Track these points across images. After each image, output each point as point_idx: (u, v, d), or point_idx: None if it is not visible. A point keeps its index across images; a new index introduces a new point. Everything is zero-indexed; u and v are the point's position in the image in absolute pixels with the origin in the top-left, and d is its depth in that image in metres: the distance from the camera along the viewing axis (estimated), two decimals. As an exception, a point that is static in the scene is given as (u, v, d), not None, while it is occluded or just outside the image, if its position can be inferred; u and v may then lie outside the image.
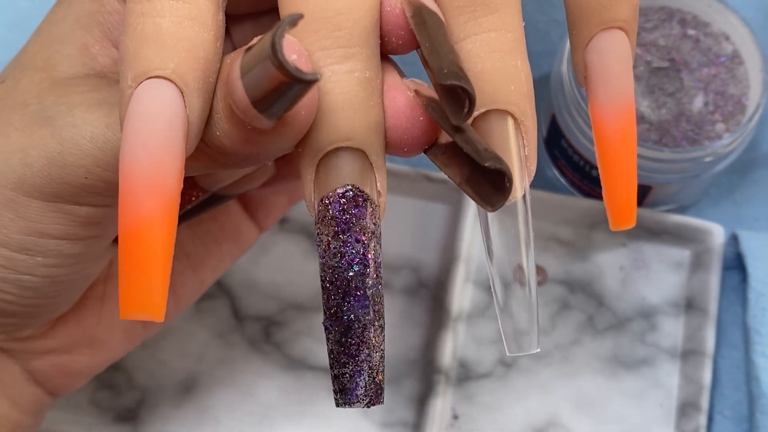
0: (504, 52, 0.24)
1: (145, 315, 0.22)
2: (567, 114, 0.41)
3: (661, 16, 0.42)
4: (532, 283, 0.25)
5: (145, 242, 0.22)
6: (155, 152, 0.22)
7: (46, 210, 0.27)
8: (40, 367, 0.32)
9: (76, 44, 0.28)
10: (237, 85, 0.22)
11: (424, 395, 0.41)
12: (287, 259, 0.44)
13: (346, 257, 0.23)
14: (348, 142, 0.23)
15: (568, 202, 0.44)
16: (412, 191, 0.44)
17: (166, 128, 0.22)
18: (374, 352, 0.23)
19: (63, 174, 0.26)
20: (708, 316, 0.42)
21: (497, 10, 0.24)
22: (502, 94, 0.24)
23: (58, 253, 0.28)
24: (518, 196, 0.24)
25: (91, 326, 0.33)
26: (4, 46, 0.40)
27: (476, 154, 0.22)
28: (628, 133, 0.26)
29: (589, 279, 0.44)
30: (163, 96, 0.22)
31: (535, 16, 0.48)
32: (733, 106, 0.40)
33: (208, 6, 0.23)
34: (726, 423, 0.41)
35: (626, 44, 0.26)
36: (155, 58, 0.22)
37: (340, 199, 0.23)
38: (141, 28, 0.23)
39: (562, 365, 0.42)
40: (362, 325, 0.23)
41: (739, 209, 0.45)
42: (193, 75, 0.23)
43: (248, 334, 0.43)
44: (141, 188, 0.22)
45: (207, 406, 0.42)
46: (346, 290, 0.23)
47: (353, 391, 0.23)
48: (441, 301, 0.42)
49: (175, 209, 0.22)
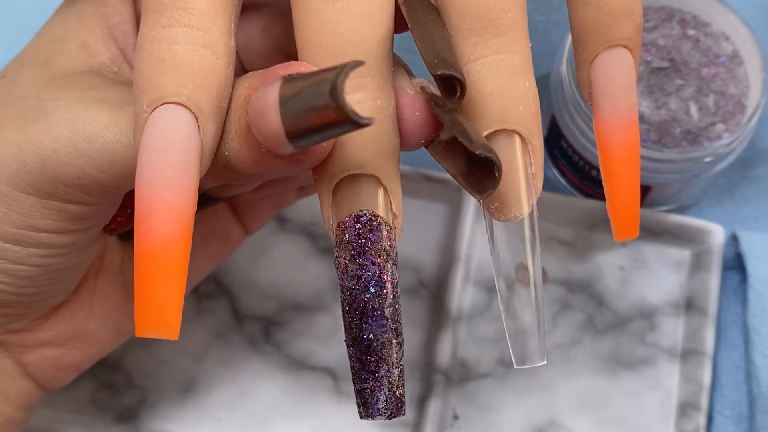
0: (512, 73, 0.24)
1: (159, 333, 0.23)
2: (567, 114, 0.41)
3: (661, 16, 0.42)
4: (539, 288, 0.26)
5: (161, 264, 0.23)
6: (171, 177, 0.23)
7: (38, 206, 0.27)
8: (32, 361, 0.32)
9: (76, 41, 0.29)
10: (272, 114, 0.22)
11: (424, 395, 0.41)
12: (287, 259, 0.44)
13: (362, 279, 0.24)
14: (361, 169, 0.24)
15: (568, 202, 0.44)
16: (412, 191, 0.44)
17: (181, 154, 0.23)
18: (393, 368, 0.25)
19: (56, 173, 0.26)
20: (708, 316, 0.42)
21: (505, 33, 0.24)
22: (511, 115, 0.25)
23: (50, 244, 0.28)
24: (525, 213, 0.25)
25: (83, 320, 0.33)
26: (4, 46, 0.40)
27: (468, 142, 0.23)
28: (632, 147, 0.27)
29: (589, 279, 0.44)
30: (179, 122, 0.23)
31: (535, 17, 0.48)
32: (733, 106, 0.40)
33: (221, 33, 0.24)
34: (726, 423, 0.41)
35: (630, 61, 0.27)
36: (170, 84, 0.23)
37: (355, 224, 0.24)
38: (156, 54, 0.23)
39: (562, 365, 0.42)
40: (381, 343, 0.24)
41: (739, 209, 0.45)
42: (207, 101, 0.23)
43: (248, 334, 0.43)
44: (157, 212, 0.23)
45: (207, 406, 0.42)
46: (364, 311, 0.24)
47: (375, 405, 0.25)
48: (441, 301, 0.42)
49: (190, 231, 0.23)
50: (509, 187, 0.25)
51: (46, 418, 0.40)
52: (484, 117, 0.25)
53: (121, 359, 0.42)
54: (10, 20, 0.48)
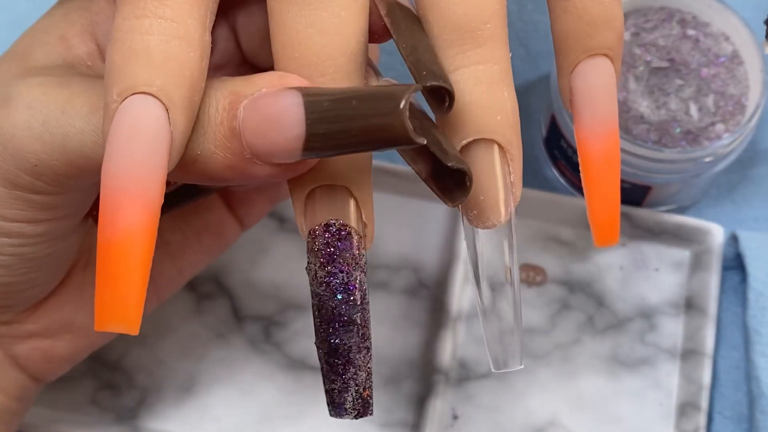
0: (491, 83, 0.25)
1: (119, 327, 0.23)
2: (567, 114, 0.41)
3: (661, 16, 0.42)
4: (517, 292, 0.26)
5: (124, 254, 0.22)
6: (139, 166, 0.23)
7: (5, 195, 0.27)
8: (21, 352, 0.33)
9: (56, 34, 0.29)
10: (295, 125, 0.23)
11: (424, 395, 0.41)
12: (287, 259, 0.44)
13: (330, 286, 0.25)
14: (331, 180, 0.25)
15: (568, 202, 0.44)
16: (412, 191, 0.44)
17: (150, 143, 0.23)
18: (360, 371, 0.25)
19: (16, 159, 0.26)
20: (708, 316, 0.42)
21: (485, 44, 0.25)
22: (489, 124, 0.25)
23: (21, 233, 0.28)
24: (503, 220, 0.25)
25: (71, 312, 0.33)
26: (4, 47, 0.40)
27: (442, 154, 0.23)
28: (612, 155, 0.27)
29: (589, 279, 0.44)
30: (149, 112, 0.23)
31: (535, 17, 0.48)
32: (733, 106, 0.40)
33: (195, 26, 0.24)
34: (726, 423, 0.41)
35: (611, 70, 0.27)
36: (142, 74, 0.23)
37: (324, 232, 0.25)
38: (129, 44, 0.23)
39: (562, 365, 0.42)
40: (347, 347, 0.25)
41: (738, 209, 0.45)
42: (178, 93, 0.23)
43: (248, 334, 0.43)
44: (122, 201, 0.22)
45: (207, 406, 0.42)
46: (331, 316, 0.25)
47: (342, 405, 0.25)
48: (441, 301, 0.42)
49: (155, 223, 0.23)
50: (488, 196, 0.25)
51: (46, 418, 0.40)
52: (462, 126, 0.25)
53: (121, 359, 0.42)
54: (10, 20, 0.48)
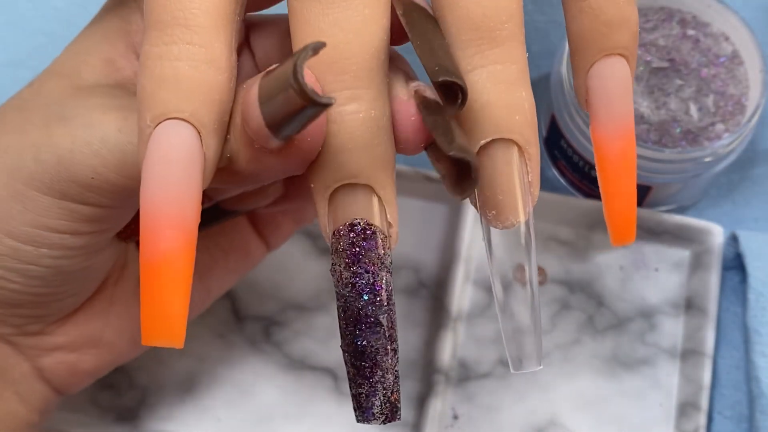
0: (509, 83, 0.25)
1: (165, 342, 0.23)
2: (567, 114, 0.41)
3: (660, 16, 0.42)
4: (536, 291, 0.26)
5: (166, 274, 0.23)
6: (175, 191, 0.23)
7: (52, 206, 0.28)
8: (48, 365, 0.33)
9: (100, 56, 0.30)
10: (253, 107, 0.23)
11: (424, 395, 0.41)
12: (287, 259, 0.44)
13: (356, 287, 0.25)
14: (354, 179, 0.24)
15: (568, 202, 0.44)
16: (412, 191, 0.44)
17: (185, 168, 0.23)
18: (388, 374, 0.25)
19: (71, 172, 0.27)
20: (708, 316, 0.42)
21: (503, 44, 0.25)
22: (508, 124, 0.25)
23: (62, 245, 0.29)
24: (521, 220, 0.26)
25: (99, 327, 0.34)
26: (4, 47, 0.40)
27: (447, 143, 0.23)
28: (628, 153, 0.28)
29: (589, 279, 0.44)
30: (182, 137, 0.23)
31: (535, 17, 0.48)
32: (732, 107, 0.40)
33: (222, 49, 0.24)
34: (726, 423, 0.41)
35: (626, 70, 0.27)
36: (173, 99, 0.24)
37: (349, 232, 0.25)
38: (159, 71, 0.24)
39: (562, 365, 0.42)
40: (375, 349, 0.25)
41: (738, 209, 0.45)
42: (209, 117, 0.24)
43: (248, 334, 0.43)
44: (161, 224, 0.23)
45: (207, 406, 0.42)
46: (358, 318, 0.25)
47: (370, 409, 0.25)
48: (441, 301, 0.42)
49: (194, 242, 0.24)
50: (506, 195, 0.25)
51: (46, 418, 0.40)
52: (481, 126, 0.25)
53: (121, 359, 0.42)
54: (10, 20, 0.48)
